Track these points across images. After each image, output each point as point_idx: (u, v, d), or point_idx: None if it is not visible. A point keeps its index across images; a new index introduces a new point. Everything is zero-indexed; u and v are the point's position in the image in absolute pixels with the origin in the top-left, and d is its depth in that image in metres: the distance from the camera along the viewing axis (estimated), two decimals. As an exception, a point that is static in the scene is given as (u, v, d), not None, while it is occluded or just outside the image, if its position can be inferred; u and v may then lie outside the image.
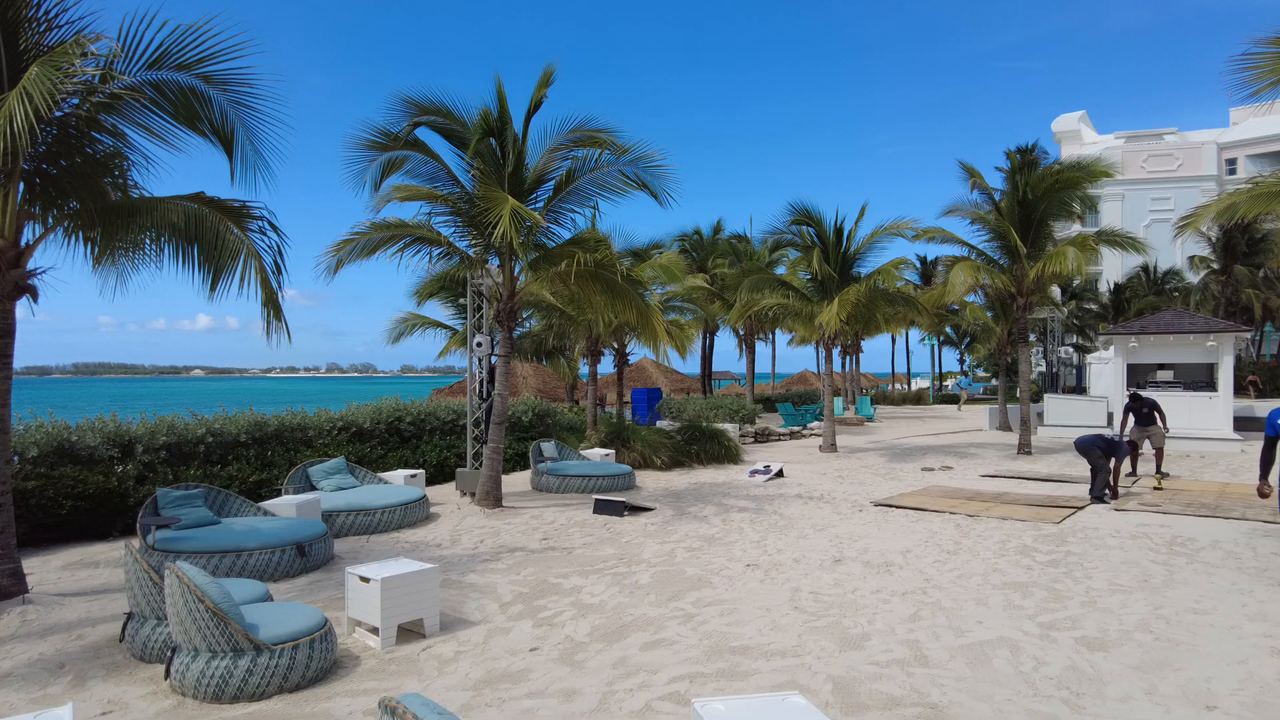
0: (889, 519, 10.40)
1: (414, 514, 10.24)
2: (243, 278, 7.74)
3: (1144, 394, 14.15)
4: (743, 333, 30.85)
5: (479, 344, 12.23)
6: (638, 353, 20.36)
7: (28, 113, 5.55)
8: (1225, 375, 19.70)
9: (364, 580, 5.72)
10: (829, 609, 6.43)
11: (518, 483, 13.69)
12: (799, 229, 19.73)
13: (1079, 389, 35.36)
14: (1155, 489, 12.54)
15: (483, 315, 12.61)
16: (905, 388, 53.31)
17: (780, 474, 14.57)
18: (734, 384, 47.23)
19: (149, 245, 7.79)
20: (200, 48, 6.91)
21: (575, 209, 11.77)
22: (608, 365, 20.96)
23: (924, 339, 50.54)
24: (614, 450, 15.39)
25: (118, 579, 7.57)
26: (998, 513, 10.62)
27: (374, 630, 5.69)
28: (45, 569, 8.02)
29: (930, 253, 48.11)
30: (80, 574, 7.86)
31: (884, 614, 6.27)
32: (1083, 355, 37.51)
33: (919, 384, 57.80)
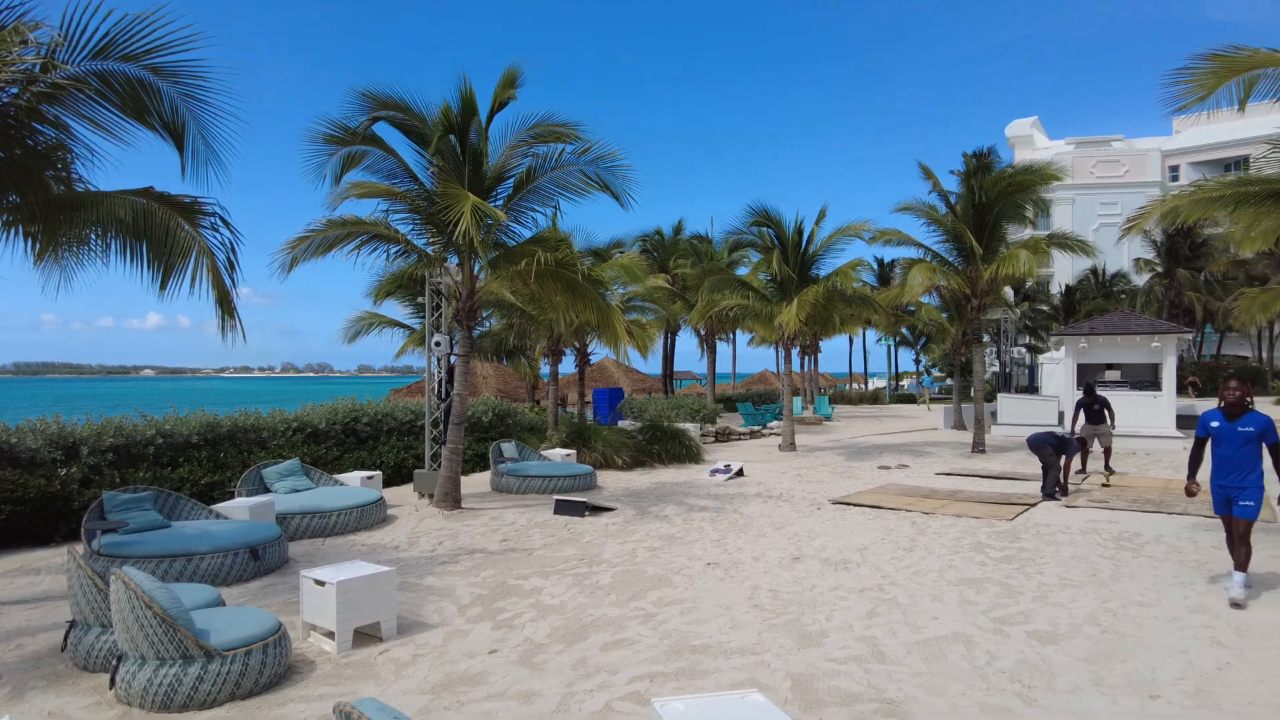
0: (847, 517, 10.52)
1: (371, 516, 10.09)
2: (194, 276, 7.53)
3: (1097, 391, 14.52)
4: (704, 333, 31.01)
5: (438, 343, 12.10)
6: (599, 353, 20.36)
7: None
8: (1169, 375, 20.33)
9: (319, 584, 5.62)
10: (788, 607, 6.48)
11: (477, 484, 13.58)
12: (759, 230, 19.89)
13: (1031, 388, 36.16)
14: (1103, 485, 12.88)
15: (441, 314, 12.48)
16: (862, 387, 53.99)
17: (740, 473, 14.66)
18: (695, 384, 47.40)
19: (94, 241, 7.55)
20: (148, 38, 6.71)
21: (536, 208, 11.72)
22: (569, 365, 20.91)
23: (880, 339, 51.29)
24: (575, 450, 15.33)
25: (60, 586, 7.34)
26: (953, 510, 10.81)
27: (329, 634, 5.59)
28: (-17, 576, 7.75)
29: (887, 254, 48.92)
30: (20, 581, 7.60)
31: (842, 611, 6.34)
32: (1035, 355, 38.39)
33: (876, 384, 58.57)
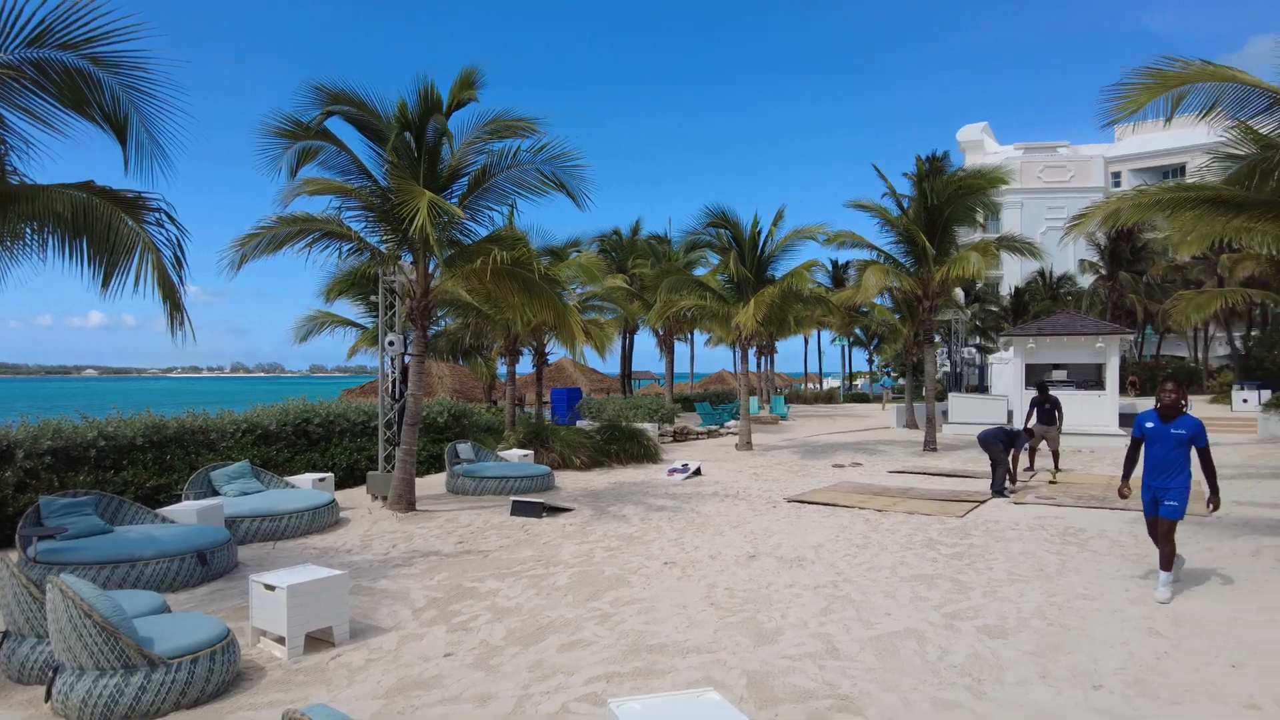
0: (802, 515, 10.63)
1: (323, 519, 9.91)
2: (139, 273, 7.28)
3: (1050, 391, 14.97)
4: (662, 333, 31.06)
5: (391, 343, 11.93)
6: (557, 352, 20.23)
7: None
8: (1112, 375, 20.95)
9: (269, 588, 5.50)
10: (744, 604, 6.52)
11: (432, 485, 13.42)
12: (716, 231, 20.01)
13: (981, 388, 36.96)
14: (1050, 483, 13.23)
15: (395, 313, 12.31)
16: (817, 387, 54.61)
17: (698, 472, 14.73)
18: (653, 384, 47.49)
19: (30, 236, 7.27)
20: (88, 27, 6.49)
21: (493, 207, 11.63)
22: (527, 365, 20.76)
23: (835, 340, 51.97)
24: (532, 451, 15.26)
25: (-5, 594, 7.06)
26: (905, 507, 11.00)
27: (280, 640, 5.48)
28: (-89, 585, 7.42)
29: (841, 256, 49.45)
30: (-48, 589, 7.30)
31: (797, 608, 6.41)
32: (985, 356, 39.27)
33: (830, 383, 59.30)
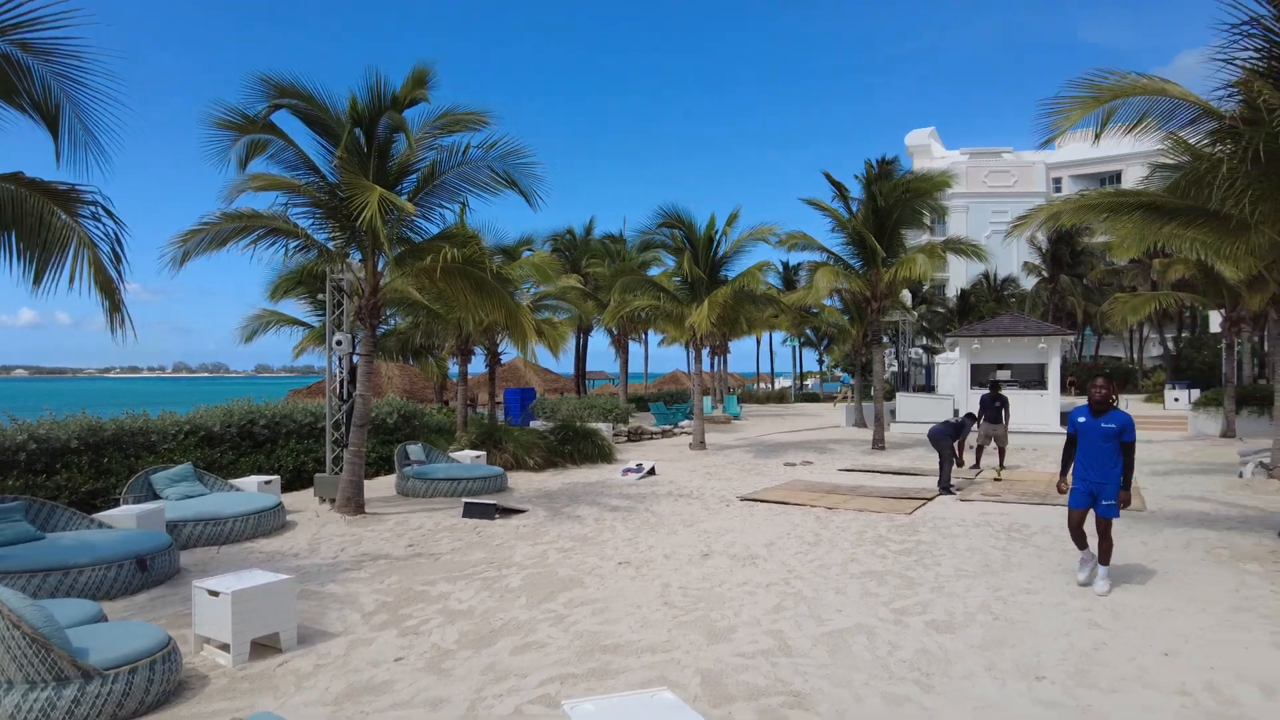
0: (754, 513, 10.73)
1: (269, 522, 9.68)
2: (74, 269, 7.03)
3: (1001, 390, 15.43)
4: (616, 333, 31.08)
5: (339, 342, 11.71)
6: (510, 352, 20.08)
7: None
8: (1054, 374, 21.58)
9: (213, 594, 5.35)
10: (698, 603, 6.55)
11: (382, 488, 13.21)
12: (670, 232, 20.09)
13: (928, 388, 37.73)
14: (995, 480, 13.56)
15: (343, 312, 12.08)
16: (769, 387, 55.19)
17: (652, 472, 14.76)
18: (608, 384, 47.48)
19: (-46, 231, 6.97)
20: (15, 12, 6.22)
21: (444, 204, 11.47)
22: (480, 365, 20.58)
23: (786, 341, 52.58)
24: (485, 452, 15.11)
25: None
26: (854, 505, 11.16)
27: (224, 647, 5.33)
28: None
29: (792, 259, 50.00)
30: None
31: (750, 606, 6.46)
32: (931, 356, 40.09)
33: (782, 383, 59.97)
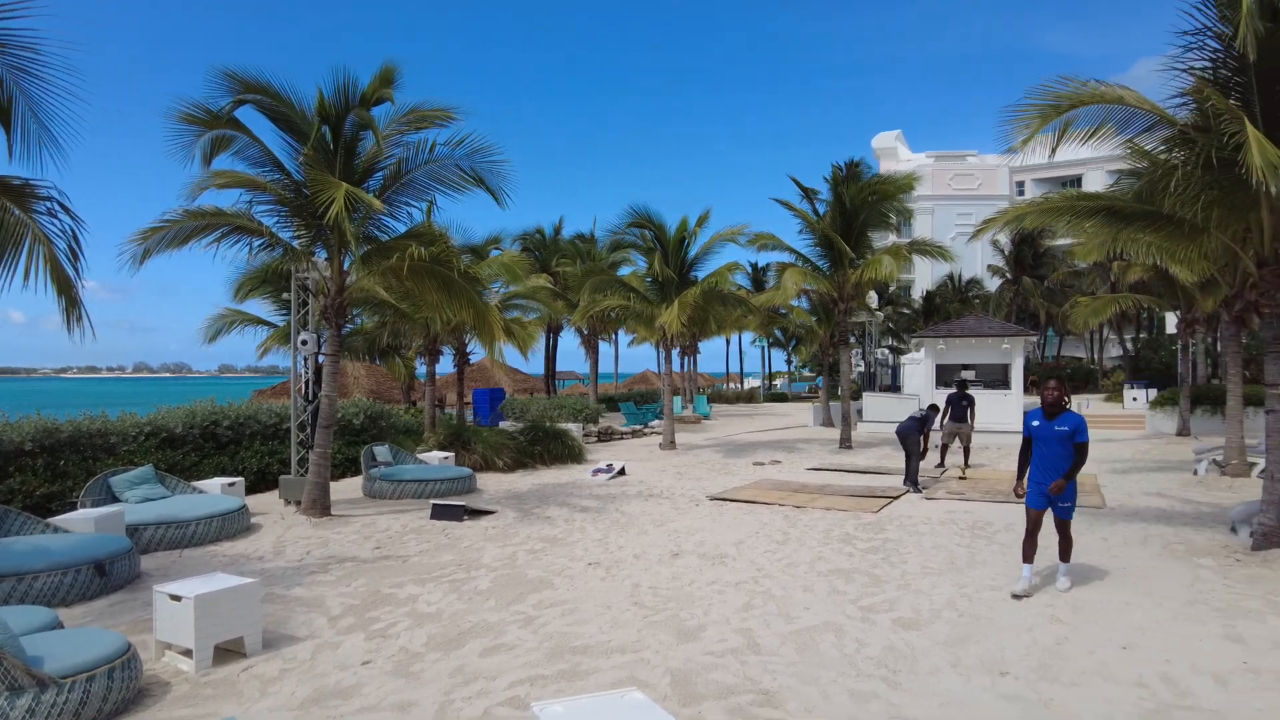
0: (723, 512, 10.78)
1: (233, 525, 9.53)
2: (29, 266, 6.85)
3: (968, 390, 15.70)
4: (586, 333, 31.03)
5: (304, 342, 11.54)
6: (479, 352, 19.93)
7: None
8: (1017, 374, 21.95)
9: (175, 599, 5.25)
10: (667, 603, 6.57)
11: (348, 489, 13.06)
12: (640, 232, 20.10)
13: (894, 387, 38.18)
14: (960, 478, 13.77)
15: (308, 311, 11.92)
16: (739, 387, 55.51)
17: (623, 472, 14.76)
18: (578, 384, 47.40)
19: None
20: (-32, 4, 6.08)
21: (411, 202, 11.40)
22: (448, 365, 20.42)
23: (755, 341, 52.95)
24: (453, 453, 15.01)
25: None
26: (822, 504, 11.27)
27: (187, 653, 5.24)
28: None
29: (761, 259, 50.35)
30: None
31: (719, 605, 6.49)
32: (897, 356, 40.59)
33: (751, 383, 60.35)
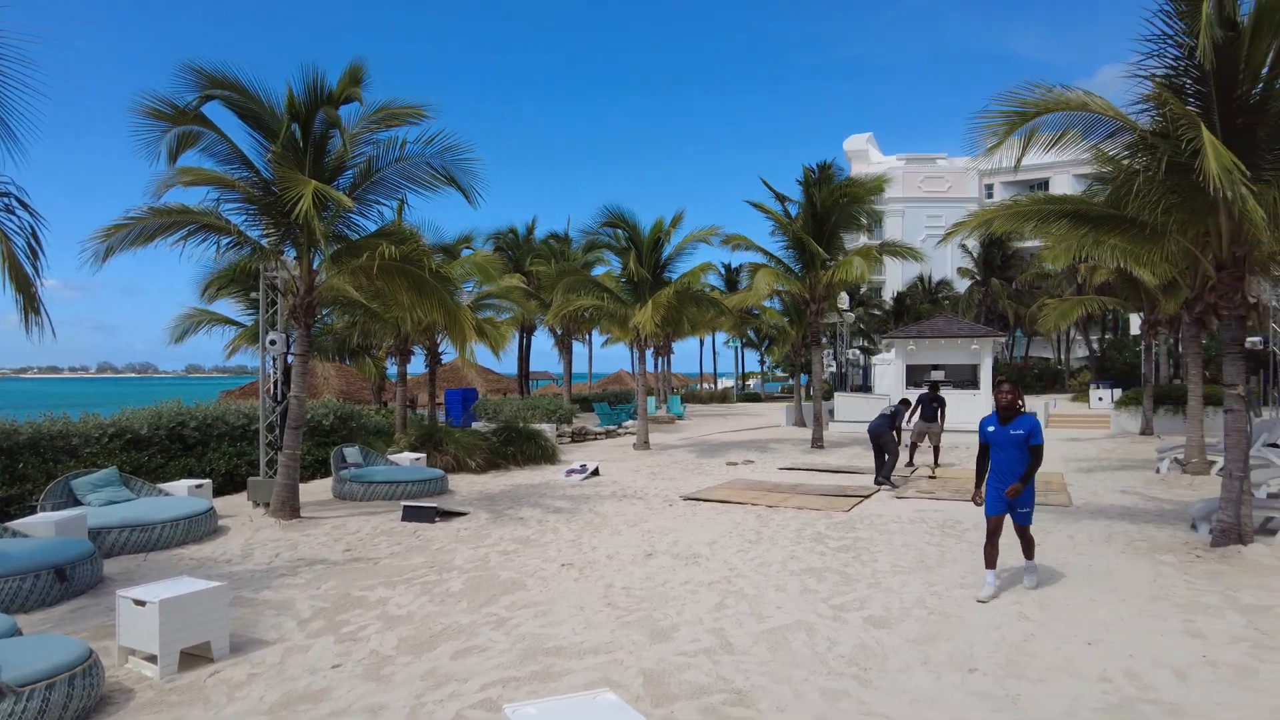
0: (697, 512, 10.81)
1: (200, 528, 9.38)
2: (-15, 264, 6.71)
3: (939, 391, 15.91)
4: (560, 333, 30.97)
5: (273, 341, 11.39)
6: (451, 352, 19.82)
7: None
8: (986, 374, 22.26)
9: (139, 603, 5.15)
10: (640, 603, 6.58)
11: (318, 491, 12.91)
12: (614, 232, 20.10)
13: (865, 388, 38.53)
14: (930, 478, 13.93)
15: (277, 310, 11.77)
16: (712, 387, 55.71)
17: (596, 473, 14.75)
18: (552, 384, 47.29)
19: None
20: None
21: (381, 201, 11.29)
22: (419, 365, 20.28)
23: (728, 342, 53.22)
24: (425, 454, 14.90)
25: None
26: (794, 503, 11.34)
27: (151, 658, 5.14)
28: None
29: (735, 260, 50.70)
30: None
31: (692, 605, 6.51)
32: (868, 357, 40.98)
33: (725, 384, 60.61)
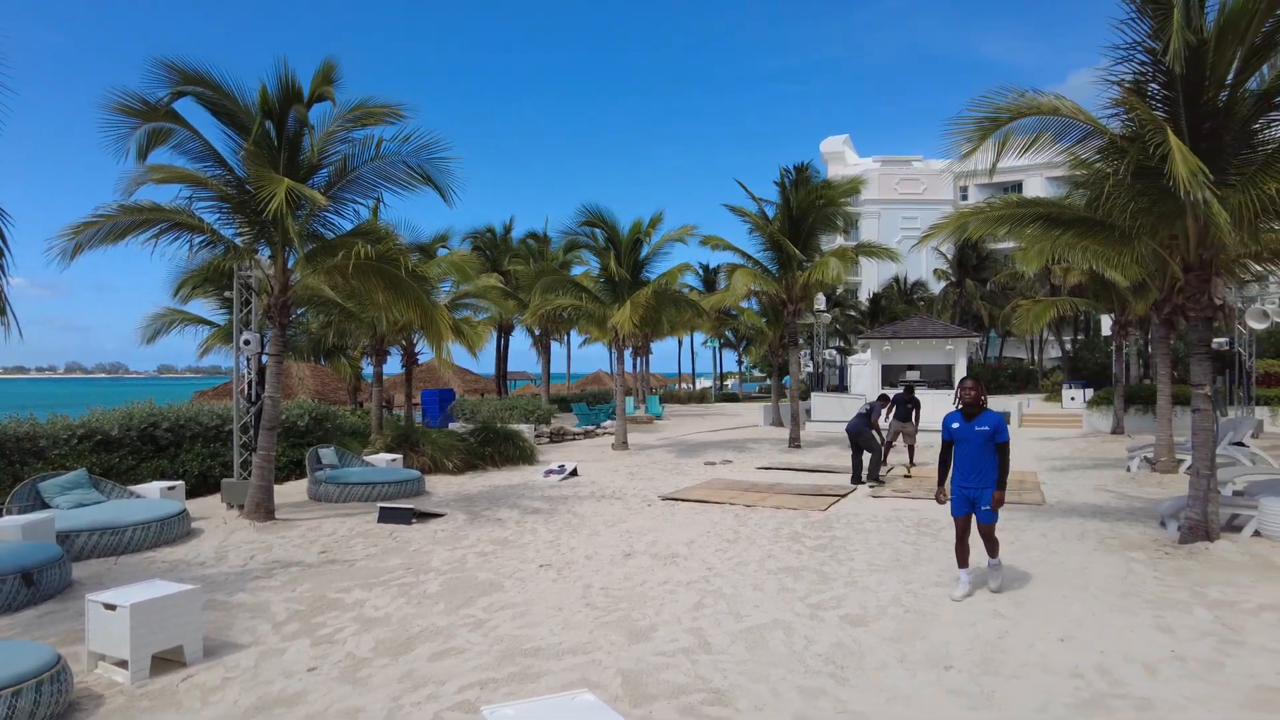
0: (675, 512, 10.83)
1: (172, 530, 9.25)
2: (-53, 262, 6.57)
3: (914, 393, 16.05)
4: (538, 333, 30.89)
5: (247, 341, 11.26)
6: (427, 352, 19.68)
7: None
8: (960, 375, 22.50)
9: (109, 607, 5.07)
10: (619, 603, 6.58)
11: (293, 493, 12.77)
12: (592, 231, 20.08)
13: (841, 388, 38.77)
14: (905, 477, 14.06)
15: (251, 310, 11.63)
16: (691, 387, 55.86)
17: (575, 473, 14.72)
18: (530, 384, 47.11)
19: None
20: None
21: (357, 199, 11.20)
22: (396, 365, 20.13)
23: (706, 342, 53.40)
24: (402, 455, 14.80)
25: None
26: (772, 502, 11.40)
27: (122, 664, 5.06)
28: None
29: (712, 260, 50.82)
30: None
31: (670, 604, 6.52)
32: (845, 357, 41.24)
33: (703, 384, 60.79)
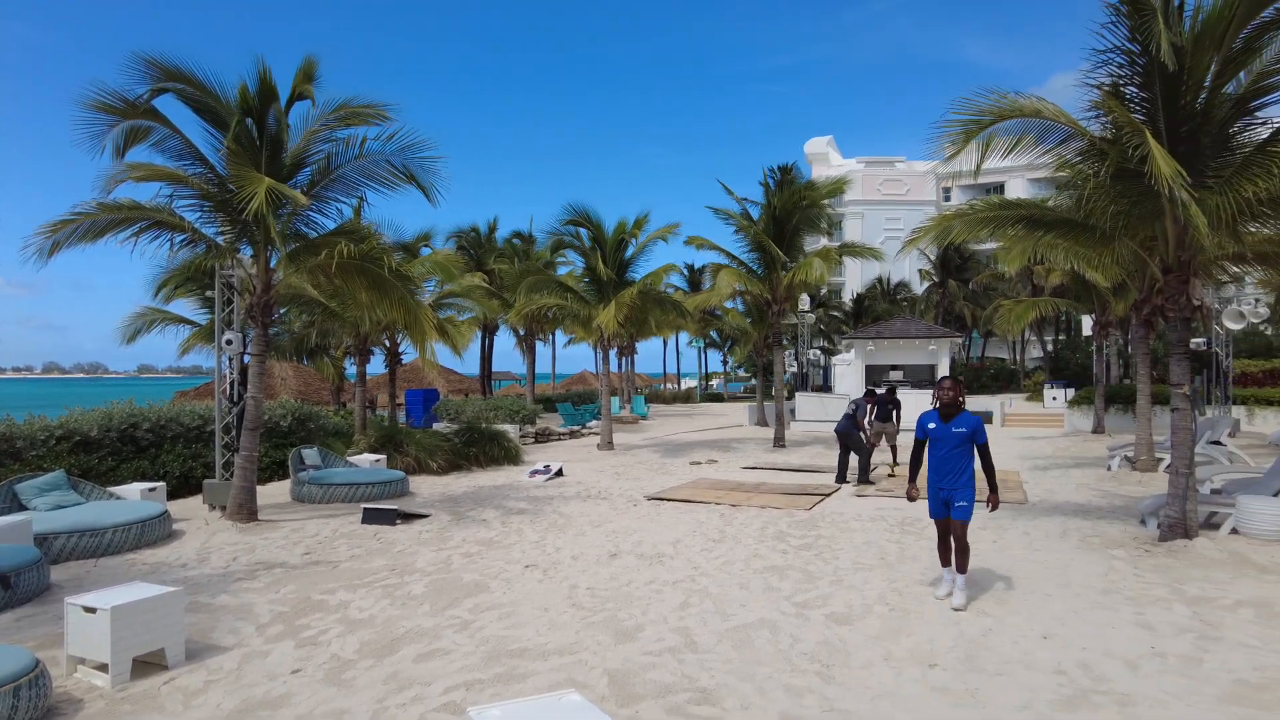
0: (661, 512, 10.84)
1: (153, 532, 9.15)
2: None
3: (896, 394, 16.10)
4: (523, 333, 30.81)
5: (229, 341, 11.16)
6: (411, 352, 19.58)
7: None
8: (943, 375, 22.65)
9: (89, 610, 5.01)
10: (605, 603, 6.57)
11: (276, 494, 12.67)
12: (577, 230, 20.06)
13: (826, 388, 38.95)
14: (889, 475, 14.14)
15: (233, 309, 11.53)
16: (676, 387, 55.92)
17: (560, 473, 14.70)
18: (515, 384, 46.96)
19: None
20: None
21: (340, 199, 11.12)
22: (379, 365, 20.01)
23: (691, 342, 53.51)
24: (385, 455, 14.72)
25: None
26: (757, 502, 11.43)
27: (102, 667, 5.00)
28: None
29: (698, 260, 50.94)
30: None
31: (657, 604, 6.52)
32: (829, 357, 41.42)
33: (688, 384, 60.87)
